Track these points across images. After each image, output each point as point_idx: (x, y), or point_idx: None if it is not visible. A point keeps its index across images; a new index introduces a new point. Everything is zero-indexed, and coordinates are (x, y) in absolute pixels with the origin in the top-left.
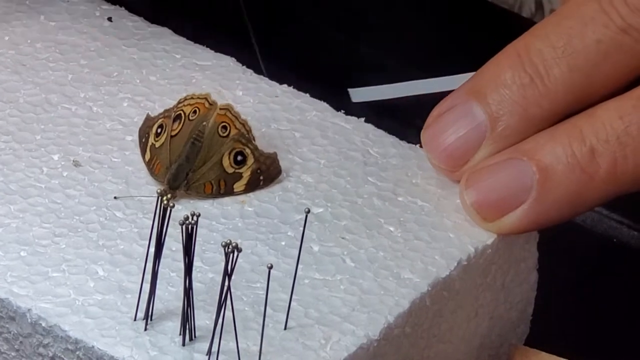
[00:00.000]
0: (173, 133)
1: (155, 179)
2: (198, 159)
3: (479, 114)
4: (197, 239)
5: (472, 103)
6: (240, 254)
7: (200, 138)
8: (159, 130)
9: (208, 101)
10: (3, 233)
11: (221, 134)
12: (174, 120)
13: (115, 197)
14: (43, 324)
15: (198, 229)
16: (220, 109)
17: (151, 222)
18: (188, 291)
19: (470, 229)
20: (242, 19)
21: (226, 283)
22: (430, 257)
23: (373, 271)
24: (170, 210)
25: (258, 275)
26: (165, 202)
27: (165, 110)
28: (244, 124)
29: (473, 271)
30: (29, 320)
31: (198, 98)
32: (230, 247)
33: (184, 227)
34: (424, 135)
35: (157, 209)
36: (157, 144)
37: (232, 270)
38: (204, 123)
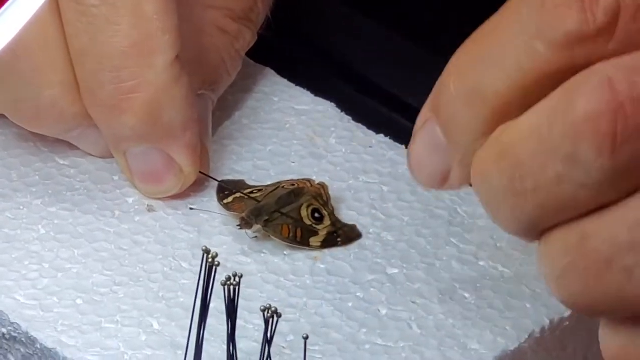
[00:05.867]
0: (269, 191)
1: (232, 213)
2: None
3: None
4: (262, 295)
5: None
6: (303, 314)
7: (297, 192)
8: (254, 191)
9: (310, 183)
10: (62, 278)
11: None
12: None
13: (190, 208)
14: None
15: (264, 284)
16: (318, 184)
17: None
18: (232, 357)
19: (548, 299)
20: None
21: (266, 351)
22: (501, 327)
23: (439, 339)
24: (216, 269)
25: (317, 338)
26: (210, 260)
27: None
28: (333, 208)
29: (548, 344)
30: None
31: (299, 180)
32: (270, 312)
33: (225, 287)
34: None
35: (202, 267)
36: (246, 198)
37: (272, 336)
38: (304, 188)
